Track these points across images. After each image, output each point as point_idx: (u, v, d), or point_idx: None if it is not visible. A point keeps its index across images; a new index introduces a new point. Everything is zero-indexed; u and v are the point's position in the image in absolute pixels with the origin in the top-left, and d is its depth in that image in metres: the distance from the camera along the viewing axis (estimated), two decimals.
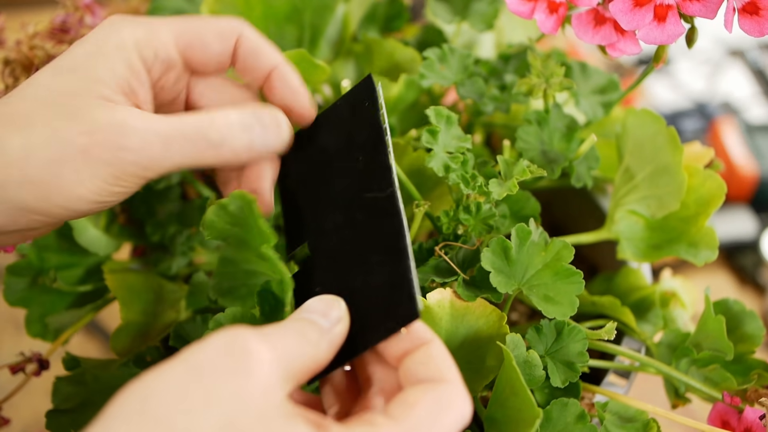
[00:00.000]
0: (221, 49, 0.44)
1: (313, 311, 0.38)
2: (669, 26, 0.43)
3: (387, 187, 0.40)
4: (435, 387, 0.35)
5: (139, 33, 0.42)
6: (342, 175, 0.43)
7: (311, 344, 0.35)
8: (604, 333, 0.45)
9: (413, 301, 0.36)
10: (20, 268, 0.55)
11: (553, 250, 0.45)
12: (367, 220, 0.41)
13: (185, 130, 0.40)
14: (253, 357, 0.32)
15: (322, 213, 0.43)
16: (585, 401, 0.49)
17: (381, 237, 0.39)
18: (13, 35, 0.57)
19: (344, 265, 0.40)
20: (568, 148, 0.53)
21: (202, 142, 0.41)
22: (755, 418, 0.45)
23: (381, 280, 0.38)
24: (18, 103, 0.39)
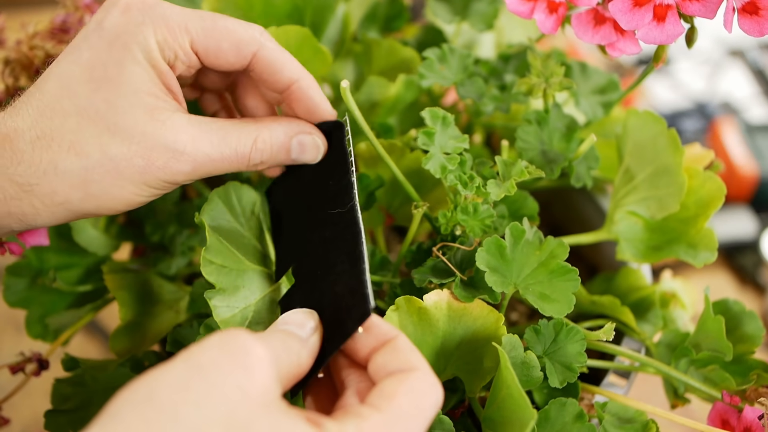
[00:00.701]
0: (235, 60, 0.44)
1: (290, 323, 0.39)
2: (668, 26, 0.43)
3: (348, 201, 0.43)
4: (408, 375, 0.36)
5: (159, 35, 0.42)
6: (316, 199, 0.46)
7: (293, 352, 0.37)
8: (602, 334, 0.45)
9: (366, 299, 0.38)
10: (20, 268, 0.55)
11: (548, 249, 0.45)
12: (333, 235, 0.43)
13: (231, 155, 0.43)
14: (251, 355, 0.33)
15: (302, 236, 0.46)
16: (584, 401, 0.49)
17: (343, 246, 0.42)
18: (13, 35, 0.57)
19: (317, 281, 0.43)
20: (568, 148, 0.53)
21: (244, 162, 0.44)
22: (754, 418, 0.45)
23: (342, 286, 0.40)
24: (62, 119, 0.40)
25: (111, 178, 0.40)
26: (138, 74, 0.41)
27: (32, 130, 0.40)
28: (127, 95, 0.41)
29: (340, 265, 0.41)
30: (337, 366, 0.40)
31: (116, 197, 0.41)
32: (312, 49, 0.52)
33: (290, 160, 0.46)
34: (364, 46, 0.61)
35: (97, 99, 0.40)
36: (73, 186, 0.40)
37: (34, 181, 0.40)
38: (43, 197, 0.40)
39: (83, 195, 0.40)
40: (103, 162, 0.40)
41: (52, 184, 0.40)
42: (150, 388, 0.31)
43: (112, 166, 0.40)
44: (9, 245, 0.47)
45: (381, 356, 0.37)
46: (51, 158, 0.40)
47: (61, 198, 0.40)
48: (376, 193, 0.52)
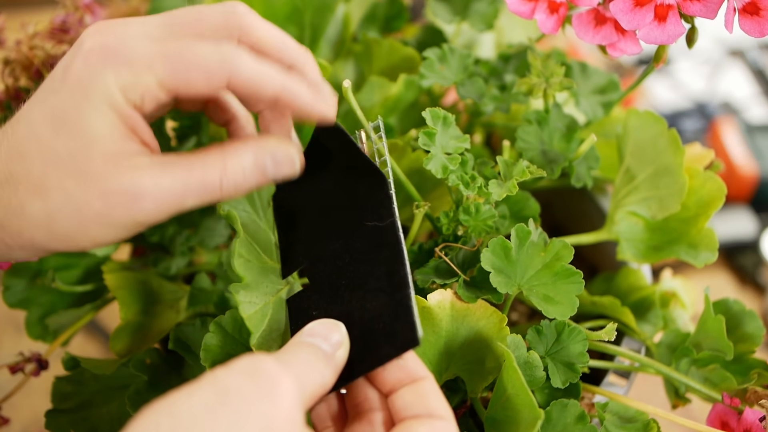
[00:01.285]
0: (208, 90, 0.42)
1: (315, 335, 0.39)
2: (669, 26, 0.43)
3: (387, 216, 0.42)
4: (434, 424, 0.37)
5: (122, 79, 0.41)
6: (341, 204, 0.44)
7: (318, 371, 0.37)
8: (604, 334, 0.45)
9: (414, 329, 0.37)
10: (19, 269, 0.55)
11: (553, 250, 0.45)
12: (366, 248, 0.42)
13: (198, 187, 0.41)
14: (276, 384, 0.34)
15: (319, 239, 0.44)
16: (585, 401, 0.49)
17: (380, 264, 0.40)
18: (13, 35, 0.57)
19: (341, 291, 0.42)
20: (568, 148, 0.53)
21: (215, 193, 0.41)
22: (755, 420, 0.45)
23: (379, 306, 0.39)
24: (28, 163, 0.40)
25: (74, 221, 0.40)
26: (98, 122, 0.40)
27: (2, 172, 0.41)
28: (88, 142, 0.40)
29: (374, 282, 0.40)
30: (354, 383, 0.40)
31: (81, 239, 0.41)
32: None
33: (269, 179, 0.43)
34: (364, 46, 0.61)
35: (59, 145, 0.40)
36: (39, 227, 0.40)
37: (5, 222, 0.41)
38: (13, 236, 0.41)
39: (49, 236, 0.41)
40: (65, 205, 0.40)
41: (20, 225, 0.40)
42: (175, 412, 0.31)
43: (73, 209, 0.40)
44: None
45: (408, 394, 0.38)
46: (18, 200, 0.40)
47: (27, 238, 0.41)
48: None
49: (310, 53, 0.45)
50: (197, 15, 0.43)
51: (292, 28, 0.58)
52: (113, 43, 0.41)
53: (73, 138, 0.40)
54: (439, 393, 0.38)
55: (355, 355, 0.39)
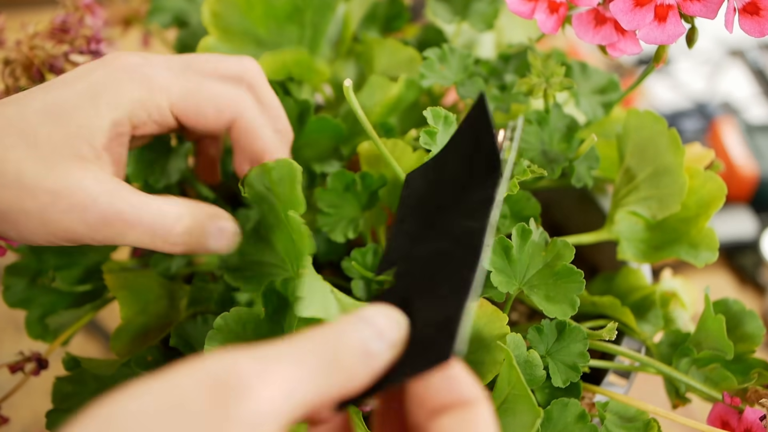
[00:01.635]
0: (214, 122, 0.44)
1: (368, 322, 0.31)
2: (669, 26, 0.43)
3: (481, 219, 0.36)
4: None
5: (136, 94, 0.42)
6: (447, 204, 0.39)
7: (343, 370, 0.29)
8: (605, 333, 0.45)
9: (451, 339, 0.30)
10: (19, 268, 0.55)
11: (554, 250, 0.45)
12: (449, 250, 0.36)
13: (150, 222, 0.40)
14: (244, 399, 0.26)
15: (418, 239, 0.40)
16: (585, 401, 0.49)
17: (455, 269, 0.35)
18: (13, 35, 0.57)
19: (413, 294, 0.36)
20: (569, 148, 0.53)
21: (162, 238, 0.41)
22: (755, 419, 0.45)
23: (434, 314, 0.33)
24: (4, 134, 0.40)
25: (14, 204, 0.39)
26: (90, 124, 0.40)
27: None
28: (67, 137, 0.40)
29: (444, 287, 0.34)
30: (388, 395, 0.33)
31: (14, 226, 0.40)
32: (308, 68, 0.52)
33: (204, 248, 0.43)
34: (365, 46, 0.61)
35: (41, 131, 0.40)
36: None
37: None
38: None
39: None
40: (13, 184, 0.39)
41: None
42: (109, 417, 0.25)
43: (17, 192, 0.39)
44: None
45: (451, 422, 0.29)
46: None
47: None
48: (379, 192, 0.52)
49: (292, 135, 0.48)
50: (217, 60, 0.46)
51: (292, 27, 0.58)
52: (137, 62, 0.43)
53: (57, 127, 0.40)
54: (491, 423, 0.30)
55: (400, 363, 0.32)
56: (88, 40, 0.56)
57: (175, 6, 0.64)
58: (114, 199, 0.40)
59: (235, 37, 0.57)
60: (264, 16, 0.57)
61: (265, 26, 0.57)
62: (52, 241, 0.40)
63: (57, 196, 0.39)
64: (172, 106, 0.43)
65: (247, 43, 0.57)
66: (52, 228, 0.40)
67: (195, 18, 0.64)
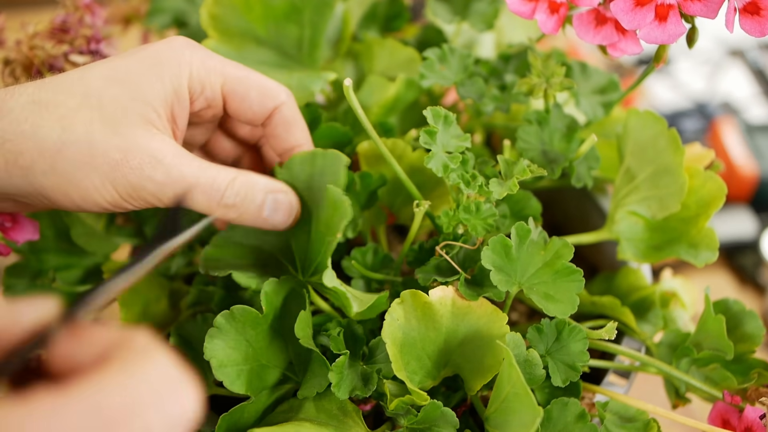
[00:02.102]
0: (259, 107, 0.47)
1: None
2: (670, 26, 0.43)
3: None
4: None
5: (195, 67, 0.44)
6: None
7: None
8: (604, 332, 0.45)
9: None
10: (19, 269, 0.55)
11: (553, 249, 0.45)
12: None
13: (207, 183, 0.43)
14: None
15: None
16: (585, 401, 0.49)
17: None
18: (13, 35, 0.57)
19: None
20: (569, 148, 0.53)
21: (217, 197, 0.43)
22: (755, 417, 0.45)
23: None
24: (66, 96, 0.41)
25: (82, 161, 0.40)
26: (155, 90, 0.43)
27: (30, 96, 0.40)
28: (134, 101, 0.42)
29: None
30: None
31: (78, 184, 0.40)
32: None
33: (261, 218, 0.45)
34: (364, 46, 0.61)
35: (106, 93, 0.41)
36: (43, 154, 0.40)
37: (8, 136, 0.39)
38: (9, 155, 0.40)
39: (48, 167, 0.40)
40: (82, 142, 0.40)
41: (25, 145, 0.40)
42: None
43: (87, 149, 0.40)
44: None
45: None
46: (35, 122, 0.40)
47: (26, 161, 0.40)
48: (378, 192, 0.52)
49: None
50: None
51: (291, 26, 0.58)
52: (195, 44, 0.46)
53: (123, 91, 0.42)
54: None
55: None
56: (88, 40, 0.56)
57: (175, 6, 0.64)
58: (180, 160, 0.42)
59: (235, 38, 0.57)
60: (262, 16, 0.57)
61: (264, 26, 0.57)
62: (115, 201, 0.41)
63: (128, 153, 0.41)
64: (223, 85, 0.46)
65: (246, 44, 0.57)
66: (121, 186, 0.41)
67: (194, 18, 0.64)
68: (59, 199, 0.41)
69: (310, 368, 0.45)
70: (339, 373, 0.43)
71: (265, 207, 0.45)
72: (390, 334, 0.43)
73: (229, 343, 0.43)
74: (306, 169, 0.47)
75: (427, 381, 0.45)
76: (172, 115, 0.44)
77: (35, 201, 0.42)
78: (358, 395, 0.43)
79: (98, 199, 0.41)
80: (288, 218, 0.46)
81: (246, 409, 0.44)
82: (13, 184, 0.40)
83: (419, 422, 0.43)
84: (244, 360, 0.44)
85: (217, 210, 0.43)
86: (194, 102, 0.45)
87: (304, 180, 0.47)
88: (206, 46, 0.56)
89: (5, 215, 0.47)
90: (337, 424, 0.44)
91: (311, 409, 0.44)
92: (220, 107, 0.47)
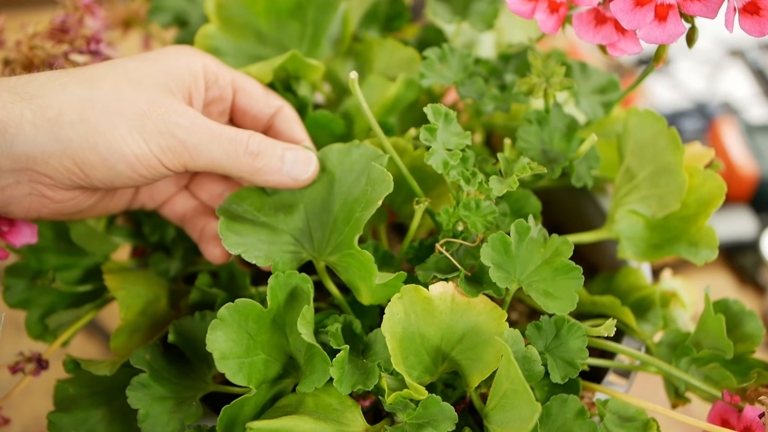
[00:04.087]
0: (265, 103, 0.51)
1: None
2: (670, 26, 0.43)
3: None
4: None
5: (208, 60, 0.49)
6: None
7: None
8: (604, 329, 0.45)
9: None
10: (19, 269, 0.55)
11: (552, 246, 0.45)
12: None
13: (230, 134, 0.46)
14: None
15: None
16: (585, 400, 0.49)
17: None
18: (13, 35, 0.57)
19: None
20: (569, 147, 0.53)
21: (242, 147, 0.46)
22: (755, 417, 0.45)
23: None
24: (95, 70, 0.44)
25: (110, 109, 0.42)
26: (175, 69, 0.46)
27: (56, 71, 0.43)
28: (157, 73, 0.45)
29: None
30: None
31: (106, 133, 0.42)
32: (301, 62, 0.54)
33: (283, 172, 0.48)
34: (365, 45, 0.61)
35: (132, 65, 0.45)
36: (72, 105, 0.41)
37: (36, 92, 0.41)
38: (37, 107, 0.40)
39: (76, 117, 0.41)
40: (110, 95, 0.42)
41: (53, 98, 0.41)
42: None
43: (115, 100, 0.42)
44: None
45: None
46: (64, 82, 0.42)
47: (54, 112, 0.41)
48: None
49: None
50: None
51: (294, 24, 0.58)
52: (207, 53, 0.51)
53: (148, 66, 0.45)
54: None
55: None
56: (88, 41, 0.56)
57: (176, 5, 0.64)
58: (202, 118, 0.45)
59: (235, 29, 0.57)
60: (266, 10, 0.57)
61: (267, 20, 0.57)
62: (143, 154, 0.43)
63: (154, 104, 0.43)
64: (233, 81, 0.50)
65: (246, 36, 0.57)
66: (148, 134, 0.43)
67: (195, 18, 0.64)
68: (85, 154, 0.42)
69: (311, 363, 0.45)
70: (340, 368, 0.43)
71: (285, 160, 0.48)
72: (390, 328, 0.43)
73: (231, 335, 0.43)
74: (342, 160, 0.49)
75: (425, 376, 0.45)
76: (189, 95, 0.47)
77: (57, 166, 0.42)
78: (360, 389, 0.43)
79: (126, 150, 0.42)
80: (308, 169, 0.49)
81: (246, 402, 0.44)
82: (38, 142, 0.41)
83: (418, 417, 0.43)
84: (245, 353, 0.44)
85: (243, 158, 0.46)
86: (209, 90, 0.49)
87: (336, 170, 0.49)
88: (206, 31, 0.56)
89: (3, 219, 0.47)
90: (336, 418, 0.44)
91: (311, 404, 0.44)
92: (230, 101, 0.51)
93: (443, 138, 0.47)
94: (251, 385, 0.44)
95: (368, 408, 0.48)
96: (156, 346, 0.48)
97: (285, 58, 0.53)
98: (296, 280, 0.46)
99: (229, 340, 0.43)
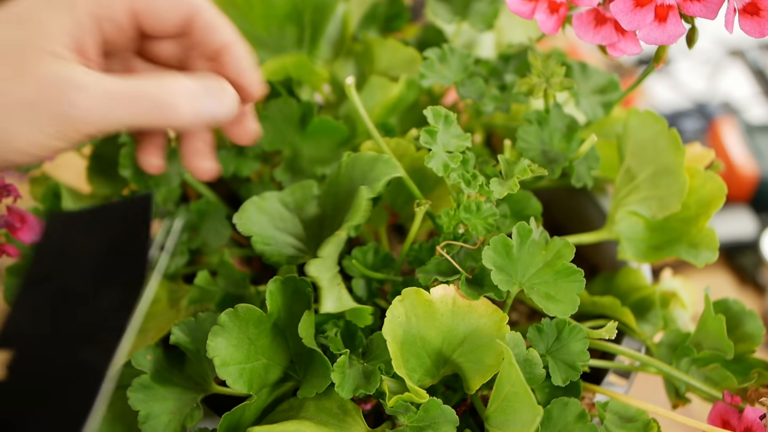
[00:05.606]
0: (175, 20, 0.44)
1: None
2: (670, 26, 0.43)
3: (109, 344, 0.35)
4: None
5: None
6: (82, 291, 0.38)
7: None
8: (605, 332, 0.45)
9: None
10: (19, 269, 0.55)
11: (554, 249, 0.45)
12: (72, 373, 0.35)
13: (133, 90, 0.40)
14: None
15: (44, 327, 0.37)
16: (585, 401, 0.49)
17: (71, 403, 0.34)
18: None
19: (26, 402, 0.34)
20: (569, 148, 0.53)
21: (149, 103, 0.41)
22: (755, 418, 0.45)
23: None
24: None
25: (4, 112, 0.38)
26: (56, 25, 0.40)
27: None
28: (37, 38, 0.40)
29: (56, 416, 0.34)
30: None
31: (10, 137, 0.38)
32: (307, 69, 0.54)
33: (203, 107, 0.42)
34: (364, 46, 0.61)
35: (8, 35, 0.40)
36: None
37: None
38: None
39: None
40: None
41: None
42: None
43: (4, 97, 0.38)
44: (5, 247, 0.47)
45: None
46: None
47: None
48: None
49: None
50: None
51: (292, 26, 0.58)
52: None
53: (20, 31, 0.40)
54: None
55: None
56: None
57: None
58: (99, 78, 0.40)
59: None
60: (263, 16, 0.57)
61: (264, 26, 0.57)
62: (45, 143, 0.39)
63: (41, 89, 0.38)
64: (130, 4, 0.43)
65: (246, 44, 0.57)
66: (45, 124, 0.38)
67: None
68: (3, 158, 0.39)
69: (312, 367, 0.45)
70: (341, 372, 0.43)
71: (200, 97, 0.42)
72: (391, 331, 0.43)
73: (231, 341, 0.43)
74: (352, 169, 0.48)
75: (426, 379, 0.45)
76: (80, 47, 0.41)
77: None
78: (362, 393, 0.43)
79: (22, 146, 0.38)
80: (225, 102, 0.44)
81: (247, 408, 0.44)
82: None
83: (419, 420, 0.43)
84: (246, 358, 0.44)
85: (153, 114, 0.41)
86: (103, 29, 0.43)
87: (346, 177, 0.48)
88: None
89: (15, 215, 0.47)
90: (337, 422, 0.44)
91: (312, 408, 0.44)
92: (132, 29, 0.44)
93: (443, 140, 0.47)
94: (252, 392, 0.44)
95: (369, 411, 0.48)
96: (157, 347, 0.48)
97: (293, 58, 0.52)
98: (295, 284, 0.46)
99: (230, 347, 0.43)
